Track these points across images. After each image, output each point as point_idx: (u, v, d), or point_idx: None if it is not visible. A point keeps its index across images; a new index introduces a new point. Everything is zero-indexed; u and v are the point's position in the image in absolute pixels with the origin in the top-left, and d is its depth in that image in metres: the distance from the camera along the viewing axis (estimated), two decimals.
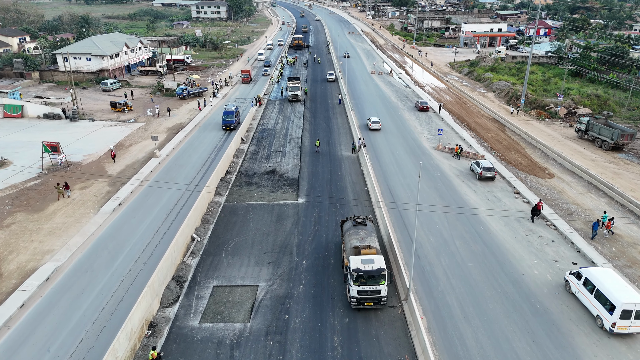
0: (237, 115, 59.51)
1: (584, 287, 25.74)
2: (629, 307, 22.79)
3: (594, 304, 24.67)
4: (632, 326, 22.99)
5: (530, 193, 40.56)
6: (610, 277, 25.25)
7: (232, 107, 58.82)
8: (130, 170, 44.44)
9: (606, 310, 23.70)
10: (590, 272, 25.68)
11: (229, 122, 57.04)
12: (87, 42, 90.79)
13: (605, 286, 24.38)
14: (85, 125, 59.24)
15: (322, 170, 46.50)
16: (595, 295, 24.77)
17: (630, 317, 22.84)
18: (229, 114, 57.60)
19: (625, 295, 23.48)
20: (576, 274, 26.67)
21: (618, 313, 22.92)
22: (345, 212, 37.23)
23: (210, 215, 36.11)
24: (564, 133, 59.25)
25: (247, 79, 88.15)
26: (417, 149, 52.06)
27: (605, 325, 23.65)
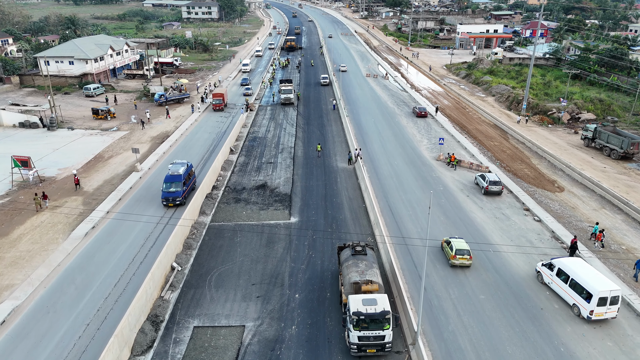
0: (190, 179, 39.22)
1: (557, 277, 26.86)
2: (605, 295, 24.17)
3: (570, 293, 25.86)
4: (607, 312, 24.55)
5: (540, 210, 37.62)
6: (582, 267, 26.39)
7: (179, 169, 38.03)
8: (109, 186, 40.95)
9: (583, 298, 24.95)
10: (563, 263, 26.85)
11: (172, 194, 36.76)
12: (70, 44, 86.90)
13: (579, 276, 25.58)
14: (64, 135, 55.59)
15: (317, 184, 43.30)
16: (570, 285, 25.89)
17: (605, 304, 24.26)
18: (173, 181, 37.05)
19: (601, 284, 24.76)
20: (548, 265, 27.77)
21: (595, 301, 24.17)
22: (342, 233, 34.08)
23: (193, 239, 32.79)
24: (570, 140, 56.50)
25: (219, 105, 67.09)
26: (416, 160, 49.02)
27: (583, 313, 24.97)
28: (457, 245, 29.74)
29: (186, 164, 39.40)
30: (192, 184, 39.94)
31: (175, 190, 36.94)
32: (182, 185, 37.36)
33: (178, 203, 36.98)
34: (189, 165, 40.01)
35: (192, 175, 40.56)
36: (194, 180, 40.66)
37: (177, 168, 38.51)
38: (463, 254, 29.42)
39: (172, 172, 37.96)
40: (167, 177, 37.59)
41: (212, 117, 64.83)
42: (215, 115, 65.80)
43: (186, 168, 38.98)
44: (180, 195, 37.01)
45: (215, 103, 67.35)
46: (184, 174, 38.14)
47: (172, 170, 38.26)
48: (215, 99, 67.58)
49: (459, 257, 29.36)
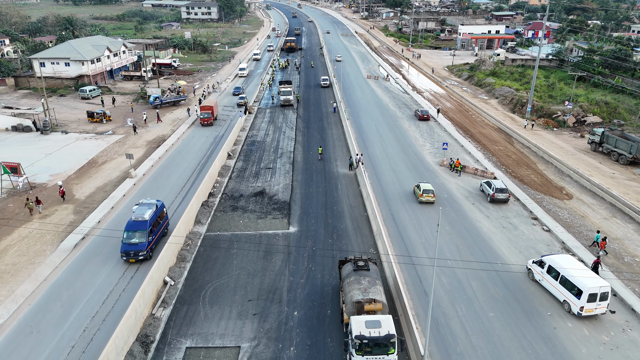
0: (160, 224, 31.55)
1: (548, 274, 27.11)
2: (595, 291, 24.48)
3: (560, 289, 26.18)
4: (597, 308, 24.84)
5: (549, 219, 36.19)
6: (571, 264, 26.67)
7: (145, 212, 30.20)
8: (101, 194, 39.54)
9: (573, 295, 25.22)
10: (553, 260, 27.17)
11: (134, 247, 28.97)
12: (66, 45, 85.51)
13: (569, 272, 25.78)
14: (57, 139, 54.17)
15: (316, 191, 41.89)
16: (560, 281, 26.18)
17: (595, 300, 24.59)
18: (137, 229, 29.39)
19: (590, 280, 25.00)
20: (539, 262, 28.01)
21: (585, 297, 24.49)
22: (343, 244, 32.67)
23: (187, 251, 31.38)
24: (576, 145, 55.10)
25: (208, 119, 59.69)
26: (419, 165, 47.60)
27: (573, 309, 25.26)
28: (424, 187, 38.41)
29: (155, 205, 31.46)
30: (163, 228, 31.86)
31: (139, 242, 28.97)
32: (147, 235, 29.21)
33: (142, 258, 28.82)
34: (159, 206, 31.92)
35: (164, 217, 32.58)
36: (165, 224, 32.53)
37: (143, 211, 30.28)
38: (428, 193, 38.06)
39: (135, 216, 29.97)
40: (130, 223, 29.80)
41: None
42: None
43: (155, 210, 31.01)
44: (145, 247, 28.94)
45: (203, 117, 59.56)
46: (152, 219, 30.21)
47: (136, 214, 30.21)
48: (203, 112, 60.11)
49: (425, 195, 37.99)
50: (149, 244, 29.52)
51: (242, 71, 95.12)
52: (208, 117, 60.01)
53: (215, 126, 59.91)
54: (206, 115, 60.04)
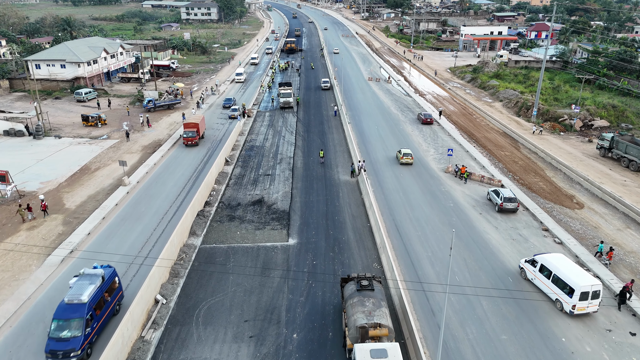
0: (107, 304, 23.65)
1: (540, 273, 27.26)
2: (586, 290, 24.59)
3: (552, 288, 26.26)
4: (589, 306, 24.97)
5: (561, 230, 34.57)
6: (563, 263, 26.78)
7: (83, 291, 22.42)
8: (93, 203, 37.94)
9: (565, 293, 25.36)
10: (545, 259, 27.23)
11: (63, 345, 20.96)
12: (61, 47, 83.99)
13: (562, 271, 25.93)
14: (50, 144, 52.59)
15: (317, 199, 40.28)
16: (552, 280, 26.28)
17: (587, 298, 24.70)
18: (69, 317, 21.54)
19: (582, 279, 25.10)
20: (531, 261, 28.14)
21: (577, 296, 24.62)
22: (345, 258, 31.05)
23: (181, 265, 29.78)
24: (584, 150, 53.48)
25: (192, 139, 51.49)
26: (424, 172, 45.98)
27: (565, 308, 25.39)
28: (404, 151, 47.50)
29: (101, 277, 23.36)
30: (113, 306, 24.07)
31: (72, 337, 21.03)
32: (84, 325, 21.31)
33: (73, 358, 20.81)
34: (107, 276, 23.88)
35: (115, 289, 24.60)
36: (117, 298, 24.63)
37: (82, 289, 22.23)
38: (407, 155, 46.92)
39: (70, 298, 21.82)
40: (60, 308, 21.70)
41: (207, 124, 61.71)
42: (211, 122, 62.68)
43: (100, 284, 22.99)
44: (80, 344, 21.00)
45: (186, 136, 51.34)
46: (93, 299, 22.28)
47: (71, 293, 22.07)
48: (186, 130, 51.67)
49: (405, 158, 46.75)
50: (87, 338, 21.43)
51: (239, 76, 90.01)
52: (192, 137, 51.55)
53: (201, 146, 51.74)
54: (190, 134, 51.65)
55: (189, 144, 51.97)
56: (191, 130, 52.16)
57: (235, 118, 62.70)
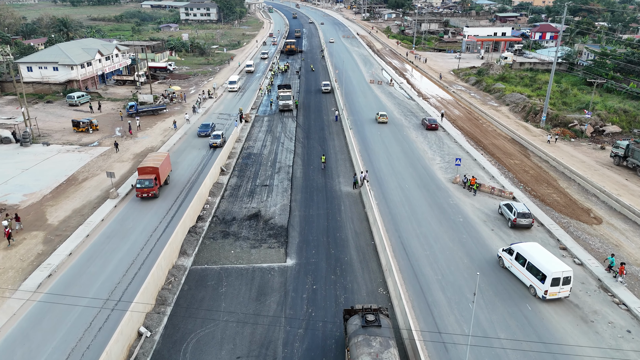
0: None
1: (516, 261, 28.38)
2: (557, 276, 25.67)
3: (527, 275, 27.43)
4: (560, 292, 26.10)
5: (580, 249, 32.11)
6: (538, 251, 27.85)
7: None
8: (77, 218, 35.49)
9: (538, 280, 26.48)
10: (521, 248, 28.30)
11: None
12: (54, 49, 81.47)
13: (535, 259, 27.01)
14: (37, 152, 50.16)
15: (317, 213, 37.82)
16: (527, 267, 27.40)
17: (558, 284, 25.81)
18: None
19: (554, 265, 26.11)
20: (508, 250, 29.29)
21: (549, 281, 25.71)
22: (347, 281, 28.59)
23: (169, 290, 27.32)
24: (597, 158, 51.01)
25: (147, 191, 37.95)
26: (430, 182, 43.51)
27: (538, 293, 26.54)
28: (380, 112, 62.03)
29: None
30: None
31: None
32: None
33: None
34: None
35: None
36: None
37: None
38: (383, 116, 61.75)
39: None
40: None
41: (181, 154, 59.23)
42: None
43: None
44: None
45: (140, 187, 37.61)
46: None
47: None
48: (141, 178, 37.88)
49: (381, 118, 61.79)
50: None
51: (233, 85, 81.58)
52: (148, 187, 37.61)
53: (162, 199, 38.43)
54: (145, 183, 37.59)
55: (143, 196, 37.76)
56: (147, 178, 37.82)
57: (219, 147, 51.03)
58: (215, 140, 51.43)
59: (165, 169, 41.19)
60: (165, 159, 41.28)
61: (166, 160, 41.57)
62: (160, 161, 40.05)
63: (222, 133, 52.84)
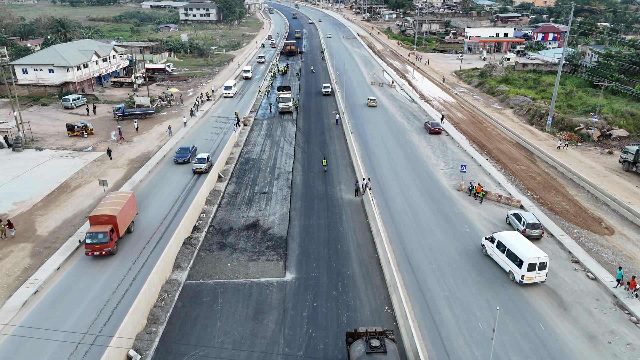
0: None
1: (497, 248, 29.84)
2: (533, 261, 27.16)
3: (506, 261, 28.90)
4: (536, 277, 27.57)
5: (593, 262, 30.67)
6: (517, 239, 29.31)
7: None
8: (68, 229, 34.08)
9: (516, 265, 27.97)
10: (502, 236, 29.81)
11: None
12: (50, 50, 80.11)
13: (514, 246, 28.49)
14: (30, 157, 48.76)
15: (318, 222, 36.39)
16: (506, 254, 28.86)
17: (534, 269, 27.31)
18: None
19: (530, 251, 27.58)
20: (490, 239, 30.70)
21: (525, 267, 27.23)
22: (350, 298, 27.17)
23: (161, 308, 25.89)
24: (606, 163, 49.60)
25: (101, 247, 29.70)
26: (434, 190, 42.08)
27: (516, 278, 28.01)
28: (371, 97, 69.84)
29: None
30: None
31: None
32: None
33: None
34: None
35: None
36: None
37: None
38: (373, 100, 69.65)
39: None
40: None
41: (201, 134, 57.94)
42: (204, 132, 58.88)
43: None
44: None
45: (90, 243, 29.43)
46: None
47: None
48: (92, 231, 29.74)
49: (371, 102, 69.72)
50: None
51: (228, 91, 76.72)
52: (101, 244, 29.25)
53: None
54: (99, 237, 29.30)
55: (95, 253, 29.45)
56: (101, 231, 29.32)
57: (204, 172, 43.86)
58: (200, 165, 43.96)
59: (127, 214, 32.59)
60: (128, 202, 32.79)
61: (129, 203, 32.89)
62: (119, 205, 31.61)
63: (208, 156, 45.17)
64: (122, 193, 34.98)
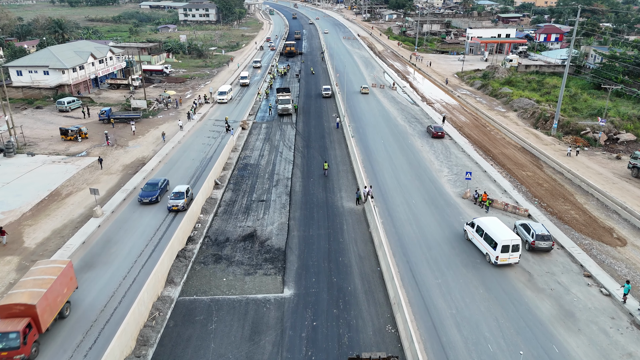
0: None
1: (476, 233, 31.95)
2: (507, 243, 29.20)
3: (484, 244, 30.95)
4: (510, 258, 29.57)
5: (606, 276, 29.24)
6: (495, 223, 31.18)
7: None
8: (57, 240, 32.64)
9: (491, 247, 29.93)
10: (481, 221, 31.89)
11: None
12: (45, 52, 78.65)
13: (490, 230, 30.42)
14: (21, 163, 47.34)
15: (318, 233, 34.96)
16: (484, 238, 30.86)
17: (508, 250, 29.29)
18: None
19: (504, 234, 29.55)
20: (471, 224, 32.85)
21: (499, 248, 29.21)
22: (352, 317, 25.73)
23: (152, 328, 24.45)
24: (614, 169, 48.17)
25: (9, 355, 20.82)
26: (438, 198, 40.65)
27: (492, 260, 30.00)
28: (362, 84, 76.87)
29: None
30: None
31: None
32: None
33: None
34: None
35: None
36: None
37: None
38: (365, 87, 77.43)
39: None
40: None
41: (198, 138, 56.52)
42: (201, 136, 57.43)
43: None
44: None
45: None
46: None
47: None
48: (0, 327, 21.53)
49: (363, 89, 76.68)
50: None
51: (222, 96, 73.11)
52: (10, 349, 20.99)
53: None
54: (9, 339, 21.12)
55: None
56: (11, 330, 21.30)
57: (181, 210, 36.33)
58: (177, 202, 36.02)
59: (59, 295, 23.97)
60: (60, 277, 24.27)
61: (62, 278, 24.36)
62: (45, 285, 23.13)
63: (187, 189, 37.65)
64: (53, 264, 25.25)
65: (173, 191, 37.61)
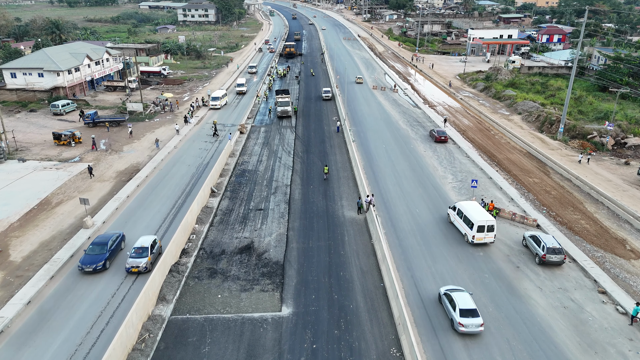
0: None
1: (457, 216, 34.43)
2: (482, 224, 31.80)
3: (462, 225, 33.44)
4: (485, 237, 32.17)
5: (621, 292, 27.73)
6: (473, 207, 33.69)
7: None
8: (44, 253, 31.14)
9: (469, 228, 32.45)
10: (461, 205, 34.35)
11: None
12: (40, 54, 77.17)
13: (469, 212, 32.86)
14: (11, 170, 45.83)
15: (318, 245, 33.46)
16: (463, 219, 33.37)
17: (483, 230, 31.91)
18: None
19: (480, 216, 32.23)
20: (453, 207, 35.36)
21: (475, 228, 31.87)
22: (354, 338, 24.23)
23: (141, 352, 22.95)
24: (623, 175, 46.69)
25: None
26: (443, 207, 39.06)
27: (469, 239, 32.55)
28: (357, 75, 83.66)
29: None
30: None
31: None
32: None
33: None
34: None
35: None
36: None
37: None
38: (360, 77, 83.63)
39: None
40: None
41: (195, 143, 55.01)
42: (198, 141, 55.91)
43: None
44: None
45: None
46: None
47: None
48: None
49: (358, 80, 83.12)
50: None
51: (215, 102, 69.10)
52: None
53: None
54: None
55: None
56: None
57: (144, 272, 28.52)
58: (138, 260, 28.66)
59: None
60: None
61: None
62: None
63: (153, 241, 30.15)
64: None
65: (134, 246, 29.51)
